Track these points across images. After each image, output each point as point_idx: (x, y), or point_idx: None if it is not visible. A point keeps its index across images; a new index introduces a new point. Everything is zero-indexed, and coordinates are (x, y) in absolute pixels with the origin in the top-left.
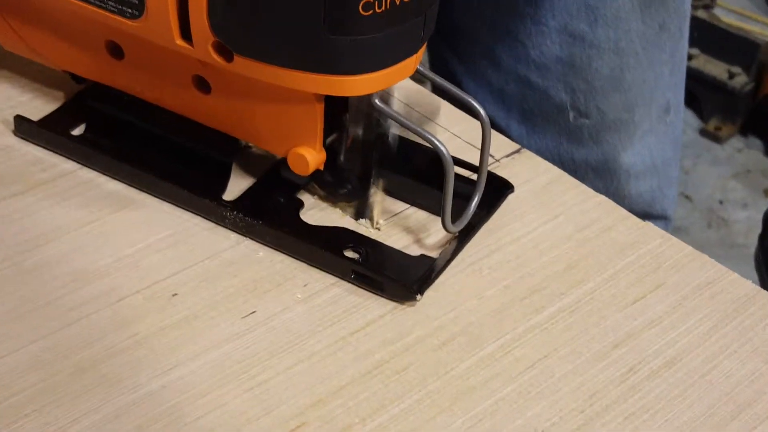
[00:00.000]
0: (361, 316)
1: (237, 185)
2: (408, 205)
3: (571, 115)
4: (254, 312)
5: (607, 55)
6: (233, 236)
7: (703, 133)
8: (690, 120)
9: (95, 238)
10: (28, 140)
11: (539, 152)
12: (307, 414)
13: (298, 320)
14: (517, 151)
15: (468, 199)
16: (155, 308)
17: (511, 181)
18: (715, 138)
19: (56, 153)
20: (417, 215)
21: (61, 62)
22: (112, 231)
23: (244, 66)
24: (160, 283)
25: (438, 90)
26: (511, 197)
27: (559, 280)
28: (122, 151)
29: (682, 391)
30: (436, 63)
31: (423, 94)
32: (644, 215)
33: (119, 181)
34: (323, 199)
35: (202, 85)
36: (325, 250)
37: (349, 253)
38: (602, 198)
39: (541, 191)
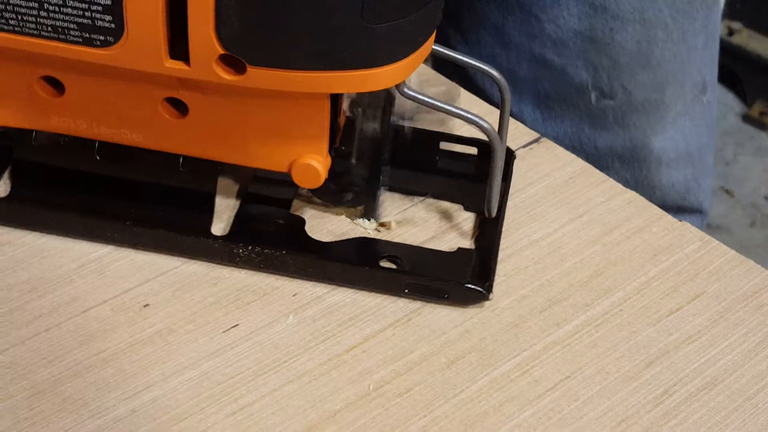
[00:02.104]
0: (358, 330)
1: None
2: (409, 201)
3: (593, 96)
4: (237, 325)
5: (632, 26)
6: None
7: (747, 119)
8: (731, 104)
9: (56, 241)
10: None
11: (557, 139)
12: None
13: (286, 335)
14: (536, 141)
15: (477, 177)
16: (124, 321)
17: (529, 174)
18: (761, 125)
19: None
20: (418, 209)
21: None
22: None
23: (257, 77)
24: (129, 293)
25: (441, 65)
26: (529, 193)
27: (584, 289)
28: (78, 204)
29: (724, 417)
30: (437, 43)
31: (431, 77)
32: (677, 209)
33: (81, 239)
34: (324, 206)
35: (177, 108)
36: (362, 267)
37: (385, 264)
38: (633, 194)
39: (562, 186)
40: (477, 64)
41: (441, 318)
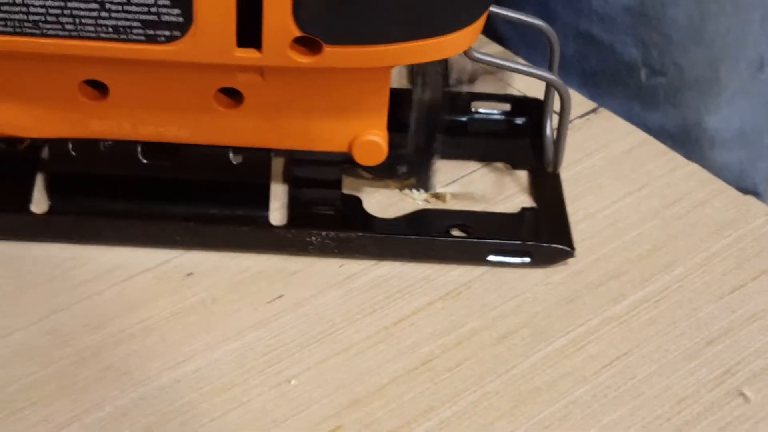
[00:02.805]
0: (406, 303)
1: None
2: (455, 167)
3: (644, 73)
4: (281, 296)
5: (684, 0)
6: None
7: None
8: None
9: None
10: None
11: None
12: (343, 416)
13: (332, 306)
14: (593, 111)
15: (516, 133)
16: (167, 290)
17: (586, 145)
18: None
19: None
20: (464, 173)
21: (1, 127)
22: None
23: (334, 57)
24: (172, 261)
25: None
26: (586, 165)
27: (642, 264)
28: (133, 211)
29: None
30: None
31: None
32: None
33: (141, 247)
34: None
35: (231, 98)
36: (441, 239)
37: (456, 232)
38: (695, 167)
39: (621, 158)
40: (522, 17)
41: (492, 292)
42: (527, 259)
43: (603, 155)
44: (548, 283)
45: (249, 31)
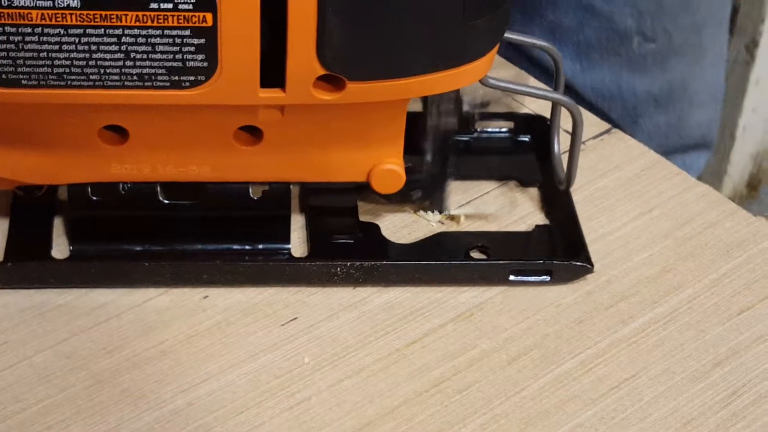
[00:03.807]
0: (418, 325)
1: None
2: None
3: (636, 41)
4: (295, 318)
5: None
6: None
7: None
8: None
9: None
10: (12, 288)
11: (595, 89)
12: None
13: (346, 329)
14: (607, 132)
15: (522, 151)
16: (183, 313)
17: (599, 167)
18: None
19: (45, 287)
20: (475, 193)
21: (20, 175)
22: None
23: (356, 92)
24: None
25: None
26: (598, 186)
27: (652, 285)
28: (159, 253)
29: None
30: None
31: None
32: (694, 146)
33: (171, 287)
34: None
35: (251, 136)
36: (462, 262)
37: (476, 254)
38: (706, 188)
39: (633, 179)
40: (528, 39)
41: (503, 314)
42: (547, 278)
43: (615, 176)
44: (559, 305)
45: (272, 72)
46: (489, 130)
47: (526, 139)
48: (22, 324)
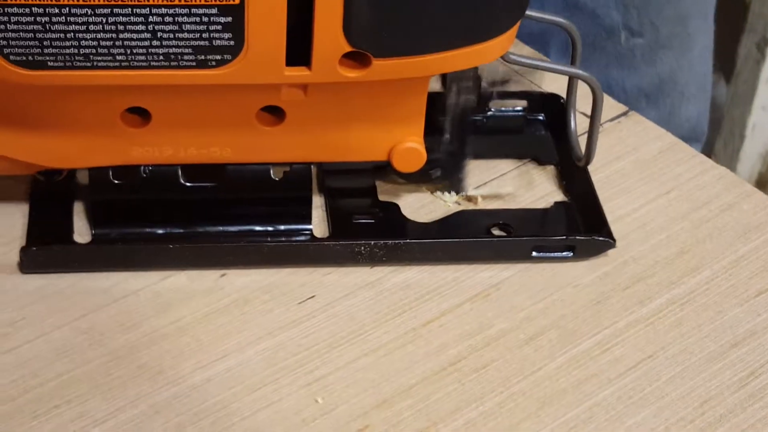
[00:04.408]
0: (435, 304)
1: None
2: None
3: (623, 36)
4: (313, 297)
5: None
6: None
7: None
8: None
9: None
10: (35, 273)
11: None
12: (371, 416)
13: (363, 307)
14: (624, 114)
15: (536, 129)
16: (201, 290)
17: (616, 149)
18: None
19: (68, 272)
20: (493, 172)
21: (43, 159)
22: None
23: (382, 69)
24: None
25: None
26: (615, 168)
27: (669, 267)
28: (180, 235)
29: None
30: None
31: None
32: (685, 139)
33: (192, 269)
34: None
35: (273, 116)
36: (485, 239)
37: (497, 231)
38: (723, 170)
39: (650, 162)
40: (546, 16)
41: (520, 293)
42: (570, 254)
43: (632, 158)
44: (576, 285)
45: (297, 50)
46: (503, 109)
47: (541, 118)
48: (39, 301)
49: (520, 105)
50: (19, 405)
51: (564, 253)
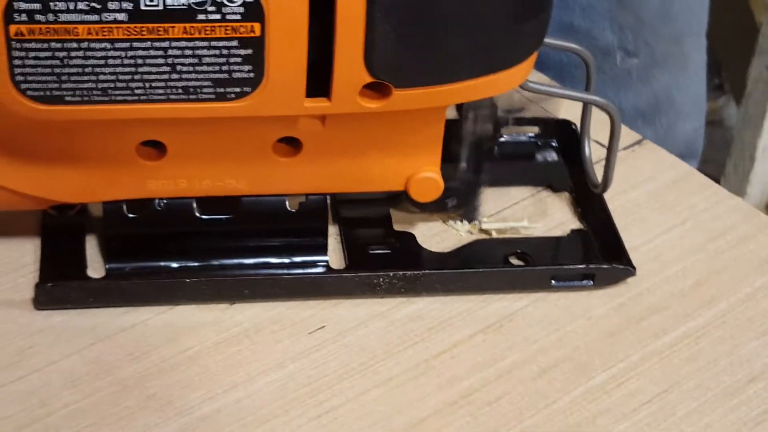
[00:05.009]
0: (447, 335)
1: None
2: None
3: (619, 56)
4: (323, 327)
5: None
6: None
7: None
8: None
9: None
10: (49, 309)
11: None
12: None
13: (374, 338)
14: (638, 143)
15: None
16: (210, 319)
17: (630, 178)
18: None
19: (83, 308)
20: (504, 200)
21: (57, 194)
22: None
23: (402, 99)
24: None
25: None
26: (630, 197)
27: (685, 299)
28: (196, 269)
29: None
30: None
31: None
32: (682, 156)
33: (209, 303)
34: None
35: (290, 147)
36: (503, 269)
37: (514, 260)
38: (739, 201)
39: (665, 191)
40: (559, 42)
41: (534, 325)
42: (590, 282)
43: (647, 188)
44: (590, 317)
45: (317, 81)
46: (516, 135)
47: (553, 144)
48: (48, 329)
49: (531, 131)
50: None
51: (583, 282)
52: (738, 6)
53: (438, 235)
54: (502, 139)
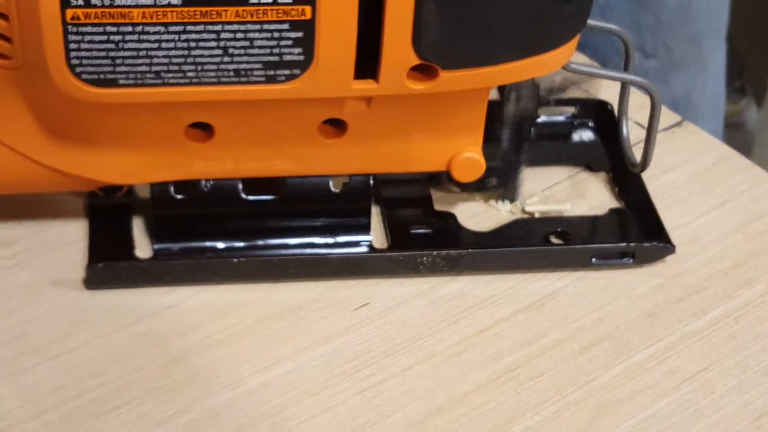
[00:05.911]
0: (490, 313)
1: None
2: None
3: (637, 58)
4: (367, 304)
5: None
6: None
7: None
8: None
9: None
10: (99, 288)
11: None
12: (427, 423)
13: (417, 315)
14: (677, 124)
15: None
16: (255, 297)
17: (669, 159)
18: None
19: (133, 287)
20: (543, 180)
21: (106, 176)
22: None
23: (449, 81)
24: None
25: None
26: (669, 179)
27: (724, 279)
28: (244, 248)
29: None
30: None
31: None
32: None
33: (257, 282)
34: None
35: (335, 128)
36: (544, 248)
37: (555, 239)
38: None
39: (705, 173)
40: (600, 24)
41: (575, 304)
42: (630, 260)
43: (686, 169)
44: (630, 297)
45: (365, 63)
46: (553, 116)
47: (590, 124)
48: (95, 305)
49: (569, 112)
50: (81, 404)
51: (623, 260)
52: (761, 7)
53: (478, 215)
54: (539, 120)
